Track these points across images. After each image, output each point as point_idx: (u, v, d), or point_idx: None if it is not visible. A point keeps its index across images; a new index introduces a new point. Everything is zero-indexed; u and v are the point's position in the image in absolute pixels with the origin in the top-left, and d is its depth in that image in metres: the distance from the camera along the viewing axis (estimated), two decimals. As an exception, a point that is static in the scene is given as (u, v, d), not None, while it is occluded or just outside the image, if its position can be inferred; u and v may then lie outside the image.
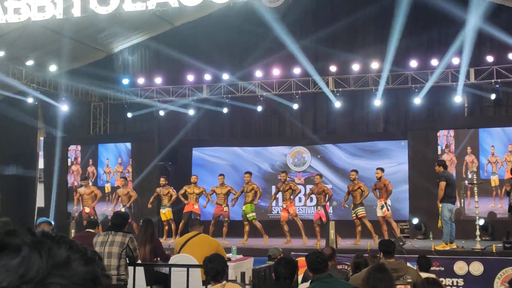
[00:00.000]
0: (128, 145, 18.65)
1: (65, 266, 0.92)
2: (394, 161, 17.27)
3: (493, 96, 16.52)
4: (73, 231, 15.33)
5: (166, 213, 15.79)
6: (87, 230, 8.86)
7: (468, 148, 15.90)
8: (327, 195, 14.70)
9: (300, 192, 15.81)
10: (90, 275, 0.94)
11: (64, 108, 18.63)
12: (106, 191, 18.41)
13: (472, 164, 13.83)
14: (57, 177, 18.65)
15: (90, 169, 18.73)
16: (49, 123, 19.23)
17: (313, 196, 15.28)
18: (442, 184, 12.62)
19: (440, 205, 12.68)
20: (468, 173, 15.28)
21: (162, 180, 15.97)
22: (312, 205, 16.54)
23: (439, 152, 16.08)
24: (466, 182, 14.97)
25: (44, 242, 0.95)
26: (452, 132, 16.23)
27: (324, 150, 18.17)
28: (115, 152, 18.81)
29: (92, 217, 14.64)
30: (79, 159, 19.01)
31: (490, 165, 15.56)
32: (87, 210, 16.07)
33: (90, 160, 18.84)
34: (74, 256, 0.95)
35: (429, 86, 16.47)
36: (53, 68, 17.35)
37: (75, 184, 18.66)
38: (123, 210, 15.19)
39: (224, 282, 5.28)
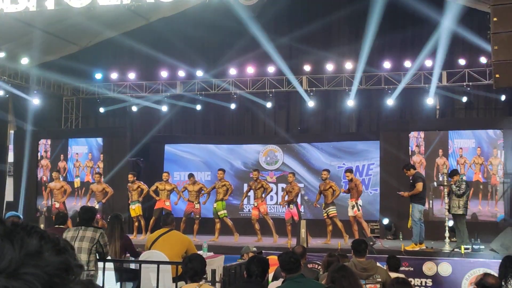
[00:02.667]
0: (100, 140, 18.49)
1: (38, 256, 0.91)
2: (372, 162, 17.27)
3: (464, 99, 16.72)
4: (42, 226, 15.14)
5: (135, 209, 15.65)
6: (56, 225, 8.77)
7: (440, 150, 16.04)
8: (299, 194, 14.69)
9: (271, 190, 15.77)
10: (63, 264, 0.92)
11: (35, 101, 18.40)
12: (76, 186, 18.23)
13: (443, 167, 13.97)
14: (27, 171, 18.43)
15: (61, 164, 18.53)
16: (20, 116, 18.95)
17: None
18: (420, 185, 12.75)
19: (411, 205, 12.81)
20: (439, 175, 15.43)
21: (130, 177, 15.79)
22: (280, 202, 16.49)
23: (410, 154, 16.22)
24: (435, 183, 15.12)
25: (16, 232, 0.93)
26: (422, 134, 16.36)
27: (299, 149, 18.14)
28: (85, 147, 18.63)
29: (62, 212, 14.48)
30: (49, 153, 18.81)
31: (458, 166, 15.71)
32: (57, 205, 15.91)
33: (61, 155, 18.64)
34: (46, 246, 0.93)
35: (401, 88, 16.60)
36: (25, 61, 17.12)
37: (44, 178, 18.47)
38: (97, 206, 15.07)
39: (201, 282, 5.23)
